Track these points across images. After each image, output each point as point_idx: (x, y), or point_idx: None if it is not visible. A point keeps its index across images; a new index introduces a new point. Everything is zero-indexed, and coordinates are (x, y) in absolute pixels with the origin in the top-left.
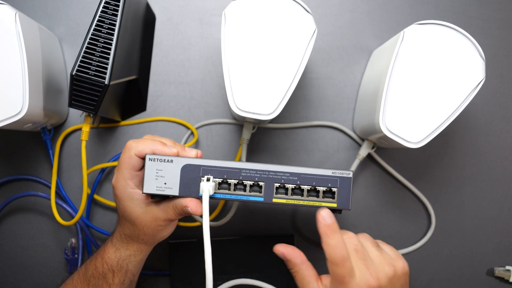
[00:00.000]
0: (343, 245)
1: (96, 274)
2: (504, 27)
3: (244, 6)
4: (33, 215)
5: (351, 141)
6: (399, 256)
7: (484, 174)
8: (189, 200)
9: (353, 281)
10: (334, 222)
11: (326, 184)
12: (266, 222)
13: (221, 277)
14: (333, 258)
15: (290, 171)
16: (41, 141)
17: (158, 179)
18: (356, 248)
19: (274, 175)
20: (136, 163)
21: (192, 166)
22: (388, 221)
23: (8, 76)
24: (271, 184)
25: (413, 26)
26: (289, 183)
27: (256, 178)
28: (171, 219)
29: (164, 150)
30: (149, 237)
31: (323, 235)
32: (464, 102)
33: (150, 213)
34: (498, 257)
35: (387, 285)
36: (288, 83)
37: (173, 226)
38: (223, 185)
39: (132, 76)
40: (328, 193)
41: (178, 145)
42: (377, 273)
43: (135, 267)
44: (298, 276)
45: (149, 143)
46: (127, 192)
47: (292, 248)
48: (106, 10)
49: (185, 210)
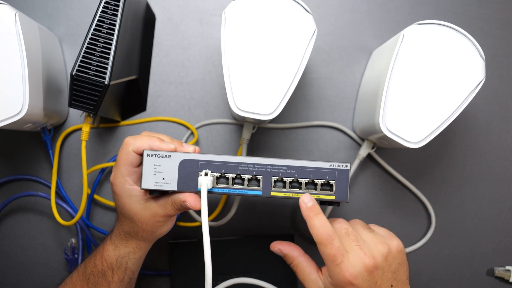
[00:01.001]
0: (327, 224)
1: (95, 272)
2: (504, 27)
3: (244, 6)
4: (33, 215)
5: (351, 141)
6: (392, 235)
7: (484, 174)
8: (188, 195)
9: (347, 261)
10: (315, 204)
11: (324, 176)
12: (266, 222)
13: (222, 277)
14: (319, 238)
15: (288, 164)
16: (41, 141)
17: (156, 175)
18: (347, 232)
19: (272, 168)
20: (134, 159)
21: (190, 161)
22: (388, 221)
23: (8, 76)
24: (269, 178)
25: (413, 26)
26: (287, 176)
27: (254, 172)
28: (170, 215)
29: (162, 145)
30: (148, 234)
31: (307, 218)
32: (464, 102)
33: (149, 209)
34: (498, 257)
35: (383, 264)
36: (288, 83)
37: (171, 222)
38: (221, 180)
39: (132, 76)
40: (326, 185)
41: (176, 141)
42: (372, 252)
43: (134, 265)
44: (298, 269)
45: (146, 139)
46: (126, 189)
47: (288, 243)
48: (106, 10)
49: (183, 205)
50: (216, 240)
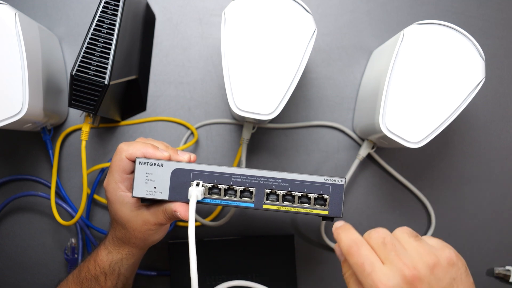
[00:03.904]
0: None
1: (88, 277)
2: (504, 27)
3: (244, 6)
4: (33, 215)
5: (351, 141)
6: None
7: (484, 174)
8: (179, 205)
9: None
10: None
11: (318, 191)
12: (266, 222)
13: (221, 277)
14: (345, 249)
15: (281, 177)
16: (41, 141)
17: (148, 183)
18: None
19: (265, 181)
20: (127, 166)
21: (182, 171)
22: (388, 221)
23: (8, 76)
24: (261, 190)
25: (413, 26)
26: (280, 189)
27: (246, 184)
28: (161, 223)
29: (155, 153)
30: (140, 241)
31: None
32: (464, 102)
33: (141, 216)
34: (498, 257)
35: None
36: (288, 83)
37: (164, 230)
38: (214, 190)
39: (132, 76)
40: (320, 200)
41: (171, 148)
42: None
43: (127, 271)
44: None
45: (140, 146)
46: (118, 195)
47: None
48: (106, 10)
49: (174, 215)
50: (216, 240)
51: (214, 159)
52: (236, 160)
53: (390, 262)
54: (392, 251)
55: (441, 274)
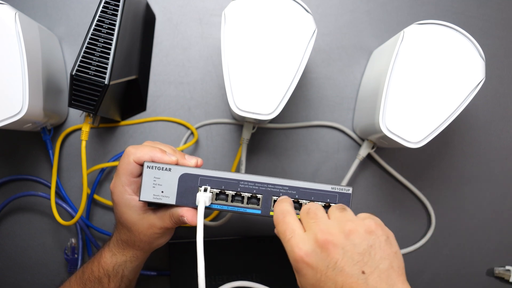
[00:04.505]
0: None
1: (92, 278)
2: (504, 27)
3: (244, 6)
4: (33, 215)
5: (351, 141)
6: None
7: (484, 174)
8: (186, 210)
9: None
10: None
11: (325, 199)
12: (266, 222)
13: (221, 277)
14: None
15: (289, 185)
16: (41, 141)
17: (156, 187)
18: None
19: (273, 188)
20: (134, 170)
21: (190, 176)
22: (388, 221)
23: (8, 76)
24: (269, 197)
25: (413, 26)
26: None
27: (254, 191)
28: (167, 228)
29: (163, 158)
30: (145, 244)
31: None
32: (464, 102)
33: (147, 220)
34: (498, 257)
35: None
36: (288, 83)
37: (169, 234)
38: (221, 196)
39: (132, 76)
40: (327, 208)
41: (178, 153)
42: (328, 229)
43: (131, 273)
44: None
45: (148, 150)
46: (124, 198)
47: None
48: (106, 10)
49: (181, 220)
50: (216, 240)
51: (214, 159)
52: (236, 160)
53: (309, 228)
54: (312, 219)
55: (357, 240)
